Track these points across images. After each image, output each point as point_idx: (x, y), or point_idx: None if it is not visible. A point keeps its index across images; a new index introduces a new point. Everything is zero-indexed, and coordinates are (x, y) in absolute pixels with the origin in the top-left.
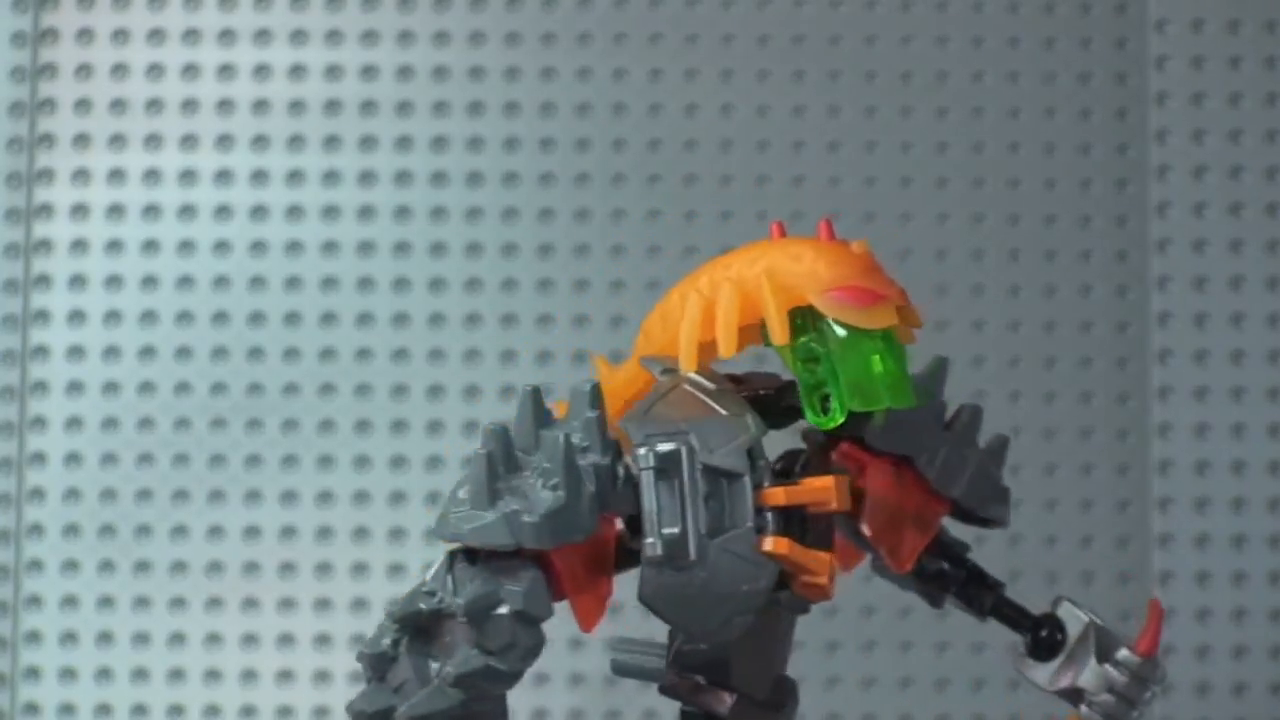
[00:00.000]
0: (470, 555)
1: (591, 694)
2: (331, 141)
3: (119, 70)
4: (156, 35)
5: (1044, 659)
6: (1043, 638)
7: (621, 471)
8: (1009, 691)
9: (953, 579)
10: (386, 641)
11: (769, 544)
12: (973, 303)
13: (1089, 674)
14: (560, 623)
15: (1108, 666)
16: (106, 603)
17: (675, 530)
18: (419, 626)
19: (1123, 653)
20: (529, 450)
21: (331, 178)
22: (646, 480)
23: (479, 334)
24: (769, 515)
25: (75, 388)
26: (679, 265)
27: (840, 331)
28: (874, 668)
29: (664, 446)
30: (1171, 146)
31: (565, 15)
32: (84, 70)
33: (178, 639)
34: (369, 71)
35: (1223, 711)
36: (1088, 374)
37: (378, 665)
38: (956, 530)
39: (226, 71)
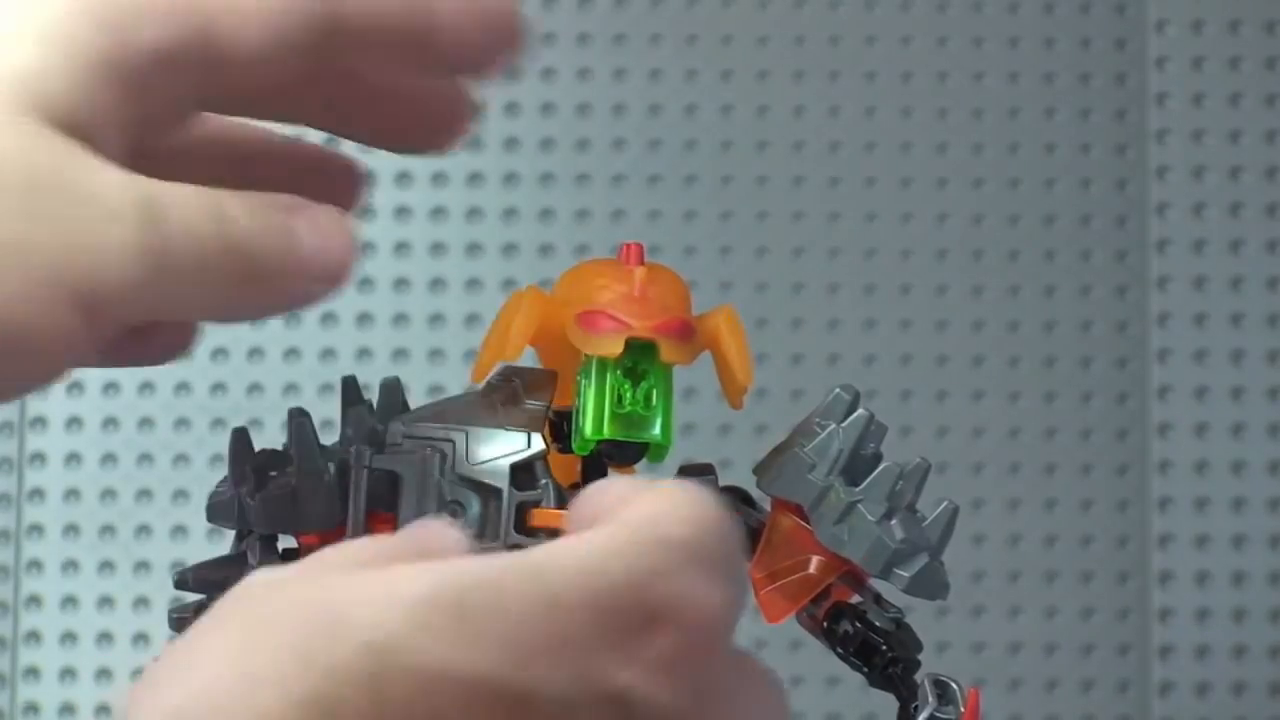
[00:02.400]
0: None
1: None
2: (331, 142)
3: None
4: None
5: None
6: (906, 713)
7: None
8: (1009, 691)
9: (850, 641)
10: (192, 607)
11: None
12: (973, 303)
13: None
14: None
15: None
16: (106, 603)
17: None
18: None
19: None
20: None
21: None
22: (355, 479)
23: (479, 334)
24: (542, 536)
25: (75, 387)
26: (679, 265)
27: (590, 356)
28: None
29: (406, 448)
30: (1171, 146)
31: (565, 15)
32: None
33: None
34: None
35: (1223, 711)
36: (1088, 374)
37: (181, 628)
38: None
39: None
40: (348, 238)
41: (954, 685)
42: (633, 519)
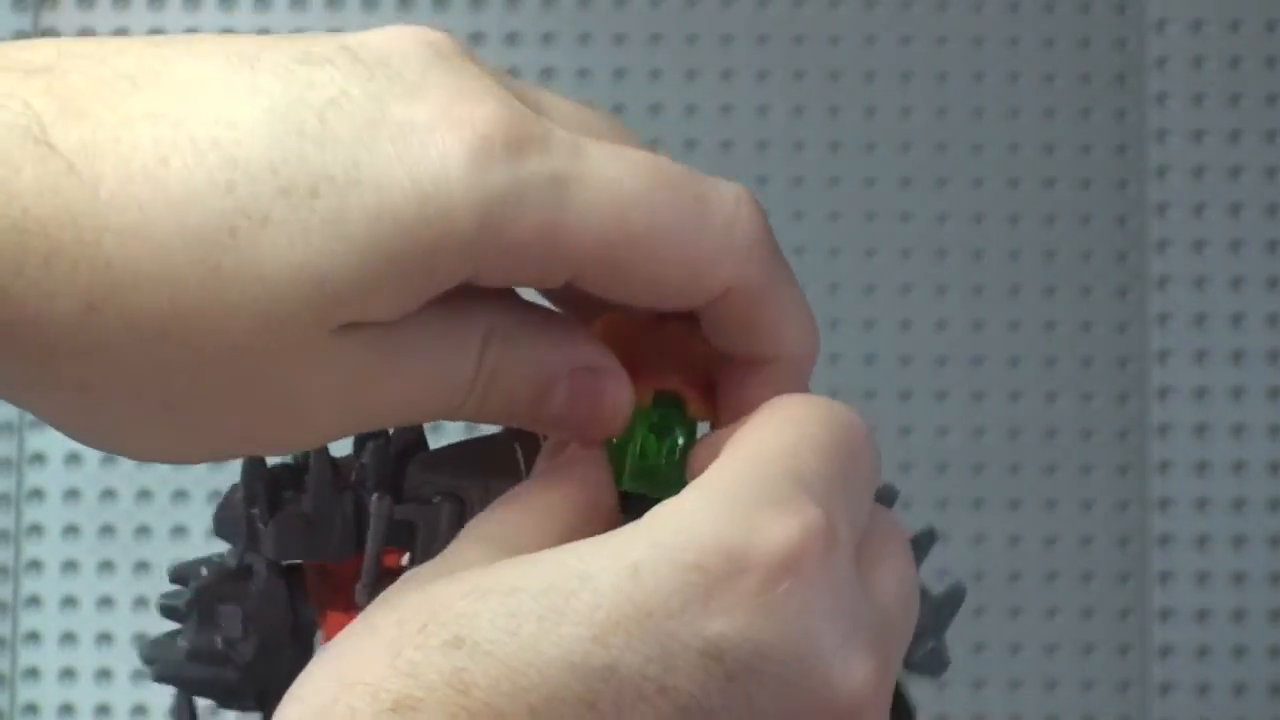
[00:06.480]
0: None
1: None
2: None
3: None
4: (156, 35)
5: None
6: None
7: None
8: (1009, 691)
9: None
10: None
11: None
12: (973, 303)
13: None
14: None
15: None
16: (106, 603)
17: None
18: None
19: None
20: None
21: None
22: (374, 527)
23: None
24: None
25: None
26: None
27: None
28: None
29: (424, 496)
30: (1171, 146)
31: (565, 15)
32: None
33: None
34: None
35: (1223, 711)
36: (1088, 374)
37: (171, 616)
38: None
39: None
40: (605, 402)
41: None
42: (726, 465)
